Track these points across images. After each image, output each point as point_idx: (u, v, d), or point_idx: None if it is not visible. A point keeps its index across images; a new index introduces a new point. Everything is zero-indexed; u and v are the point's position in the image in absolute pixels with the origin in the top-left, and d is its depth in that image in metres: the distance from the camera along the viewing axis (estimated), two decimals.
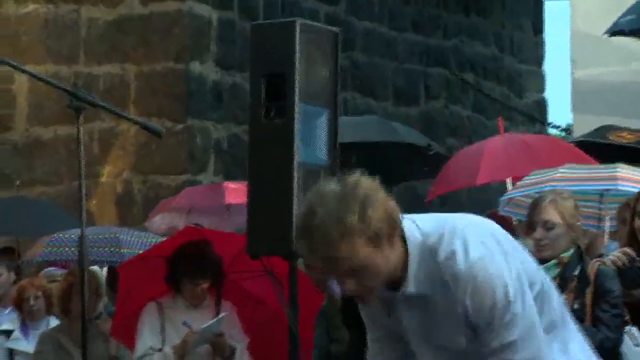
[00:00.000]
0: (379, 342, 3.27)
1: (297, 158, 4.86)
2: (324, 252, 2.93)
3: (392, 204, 3.00)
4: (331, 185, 2.99)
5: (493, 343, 3.08)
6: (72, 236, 7.88)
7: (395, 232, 3.00)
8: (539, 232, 4.71)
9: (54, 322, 7.01)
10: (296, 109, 4.86)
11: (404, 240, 3.03)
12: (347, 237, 2.91)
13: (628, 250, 5.00)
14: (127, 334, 5.86)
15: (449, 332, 3.13)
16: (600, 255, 5.25)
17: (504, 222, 7.13)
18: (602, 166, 7.38)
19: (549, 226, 4.71)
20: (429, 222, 3.08)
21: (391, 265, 3.01)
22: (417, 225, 3.06)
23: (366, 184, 2.99)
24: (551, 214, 4.73)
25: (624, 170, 6.86)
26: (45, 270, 8.25)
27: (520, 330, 3.06)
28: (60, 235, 8.26)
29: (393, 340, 3.27)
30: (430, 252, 3.05)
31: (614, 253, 5.04)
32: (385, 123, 10.61)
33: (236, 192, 9.12)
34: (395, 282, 3.04)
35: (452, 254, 3.03)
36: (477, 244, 3.05)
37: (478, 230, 3.12)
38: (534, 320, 3.10)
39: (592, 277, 4.65)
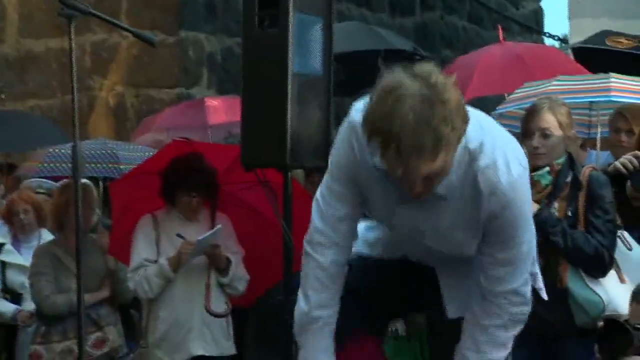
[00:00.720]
0: (346, 221, 3.26)
1: (292, 68, 4.80)
2: (412, 159, 2.83)
3: (463, 98, 2.93)
4: (410, 83, 2.85)
5: (501, 255, 3.15)
6: (68, 151, 7.82)
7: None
8: (536, 140, 4.67)
9: (45, 234, 7.01)
10: (290, 18, 4.78)
11: None
12: (440, 147, 2.83)
13: (639, 153, 5.02)
14: (125, 251, 5.86)
15: (456, 235, 3.15)
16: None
17: None
18: (594, 76, 7.35)
19: (546, 133, 4.68)
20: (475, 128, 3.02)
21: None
22: None
23: (444, 80, 2.88)
24: (549, 121, 4.70)
25: (617, 80, 6.85)
26: (30, 180, 8.14)
27: (526, 245, 3.18)
28: (56, 150, 8.21)
29: (356, 221, 3.30)
30: (469, 156, 3.03)
31: (625, 156, 5.06)
32: (369, 29, 10.48)
33: (217, 109, 9.08)
34: None
35: (494, 165, 3.03)
36: (515, 162, 3.08)
37: (514, 147, 3.14)
38: (534, 237, 3.24)
39: (584, 183, 4.65)
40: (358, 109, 3.08)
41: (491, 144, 3.05)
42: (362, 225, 3.42)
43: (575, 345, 4.66)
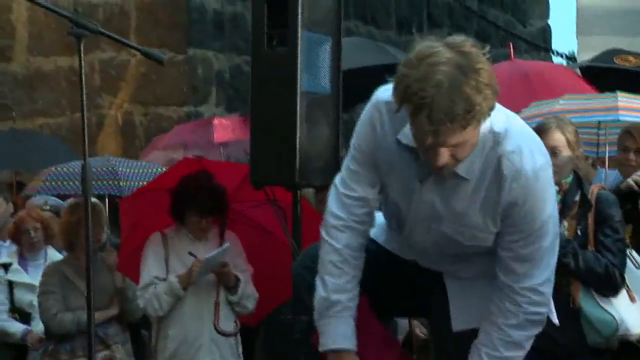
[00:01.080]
0: (362, 204, 3.25)
1: (300, 87, 4.81)
2: (444, 126, 2.84)
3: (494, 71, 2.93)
4: (443, 50, 2.86)
5: (522, 251, 3.11)
6: (70, 169, 7.81)
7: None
8: None
9: (51, 251, 7.00)
10: (299, 36, 4.80)
11: None
12: (472, 115, 2.84)
13: None
14: (134, 268, 5.85)
15: (474, 219, 3.12)
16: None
17: None
18: (602, 95, 7.36)
19: (556, 151, 4.69)
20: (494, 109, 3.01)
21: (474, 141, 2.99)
22: None
23: (476, 50, 2.89)
24: (558, 140, 4.71)
25: (624, 99, 6.86)
26: (36, 198, 8.12)
27: (548, 242, 3.14)
28: (59, 168, 8.20)
29: (373, 206, 3.28)
30: (493, 139, 3.02)
31: (638, 173, 5.06)
32: (376, 45, 10.49)
33: (224, 128, 9.11)
34: None
35: (519, 151, 3.02)
36: (539, 153, 3.07)
37: (537, 140, 3.14)
38: (557, 236, 3.20)
39: (592, 202, 4.65)
40: (384, 89, 3.09)
41: (517, 131, 3.05)
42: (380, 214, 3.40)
43: None
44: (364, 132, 3.19)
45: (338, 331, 3.24)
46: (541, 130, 4.77)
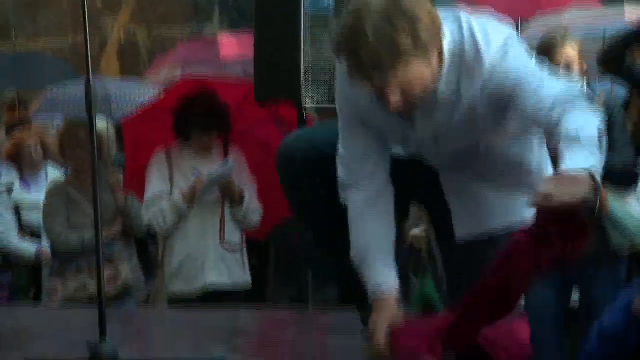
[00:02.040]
0: (367, 159, 3.19)
1: (304, 3, 4.79)
2: (375, 75, 2.84)
3: (433, 8, 2.90)
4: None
5: (540, 112, 2.87)
6: (66, 95, 7.78)
7: (439, 38, 2.92)
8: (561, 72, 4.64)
9: (50, 170, 7.03)
10: None
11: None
12: (399, 57, 2.82)
13: None
14: (139, 186, 5.88)
15: (469, 131, 3.06)
16: None
17: None
18: (608, 6, 7.33)
19: (570, 66, 4.68)
20: (447, 20, 2.97)
21: (434, 70, 2.94)
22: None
23: None
24: (570, 54, 4.70)
25: (631, 9, 6.82)
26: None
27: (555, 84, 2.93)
28: (55, 93, 8.15)
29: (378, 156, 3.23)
30: (457, 55, 2.96)
31: None
32: None
33: (231, 45, 9.06)
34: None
35: (474, 34, 2.96)
36: (494, 28, 2.99)
37: (494, 21, 3.05)
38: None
39: None
40: None
41: (472, 21, 2.98)
42: None
43: (604, 272, 4.65)
44: (339, 78, 3.16)
45: (378, 279, 3.15)
46: (551, 46, 4.73)
